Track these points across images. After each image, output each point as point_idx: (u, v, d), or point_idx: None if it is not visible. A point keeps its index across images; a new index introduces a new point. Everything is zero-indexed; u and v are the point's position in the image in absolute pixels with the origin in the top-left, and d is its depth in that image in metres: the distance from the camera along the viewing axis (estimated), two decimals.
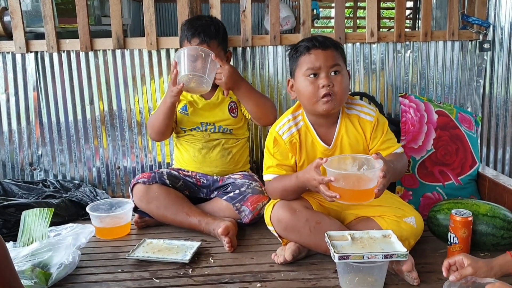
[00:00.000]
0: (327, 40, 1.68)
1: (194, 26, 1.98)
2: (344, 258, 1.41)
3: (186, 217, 1.92)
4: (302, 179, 1.61)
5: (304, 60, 1.66)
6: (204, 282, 1.56)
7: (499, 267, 1.34)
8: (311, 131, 1.76)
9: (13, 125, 2.36)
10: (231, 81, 1.92)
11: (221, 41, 2.02)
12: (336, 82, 1.63)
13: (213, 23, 2.02)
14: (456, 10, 2.34)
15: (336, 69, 1.64)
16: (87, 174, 2.41)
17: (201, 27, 1.97)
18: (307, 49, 1.66)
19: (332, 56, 1.64)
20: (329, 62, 1.63)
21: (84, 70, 2.31)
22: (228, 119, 2.10)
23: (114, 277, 1.61)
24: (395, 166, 1.58)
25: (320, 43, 1.65)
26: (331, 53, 1.65)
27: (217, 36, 1.99)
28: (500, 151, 2.45)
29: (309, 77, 1.65)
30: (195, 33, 1.96)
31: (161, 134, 2.08)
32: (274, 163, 1.76)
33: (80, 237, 1.71)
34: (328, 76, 1.63)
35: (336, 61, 1.64)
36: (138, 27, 4.65)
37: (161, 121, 2.01)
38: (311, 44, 1.66)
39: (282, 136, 1.75)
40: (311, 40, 1.68)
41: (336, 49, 1.68)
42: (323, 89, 1.62)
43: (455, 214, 1.63)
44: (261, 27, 5.16)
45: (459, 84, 2.40)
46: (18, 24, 2.25)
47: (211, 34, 1.97)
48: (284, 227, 1.67)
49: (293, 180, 1.67)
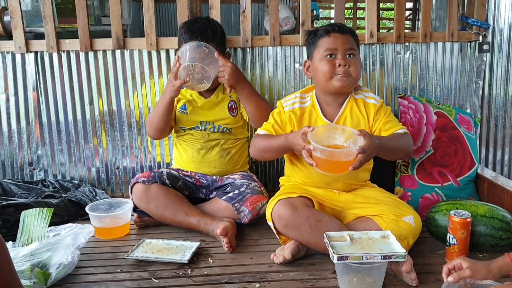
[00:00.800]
0: (344, 26, 1.85)
1: (191, 29, 1.99)
2: (343, 258, 1.41)
3: (185, 217, 1.92)
4: (290, 141, 1.69)
5: (323, 42, 1.79)
6: (203, 282, 1.56)
7: (498, 269, 1.34)
8: (317, 109, 1.86)
9: (13, 125, 2.36)
10: (234, 78, 1.93)
11: (218, 43, 2.02)
12: (352, 63, 1.76)
13: (210, 26, 2.02)
14: (455, 11, 2.34)
15: (352, 52, 1.77)
16: (86, 174, 2.41)
17: (198, 30, 1.98)
18: (327, 32, 1.79)
19: (349, 41, 1.79)
20: (347, 45, 1.77)
21: (83, 70, 2.31)
22: (227, 118, 2.10)
23: (113, 277, 1.61)
24: (386, 143, 1.68)
25: (339, 28, 1.80)
26: (348, 37, 1.79)
27: (214, 38, 2.00)
28: (499, 152, 2.45)
29: (327, 57, 1.77)
30: (192, 36, 1.97)
31: (159, 131, 2.06)
32: (271, 123, 1.88)
33: (79, 237, 1.71)
34: (345, 57, 1.76)
35: (352, 45, 1.79)
36: (138, 27, 4.65)
37: (160, 117, 2.00)
38: (330, 28, 1.80)
39: (285, 108, 1.88)
40: (330, 25, 1.83)
41: (353, 35, 1.82)
42: (339, 68, 1.75)
43: (454, 215, 1.63)
44: (261, 28, 5.16)
45: (458, 85, 2.40)
46: (18, 24, 2.25)
47: (209, 37, 1.98)
48: (284, 224, 1.69)
49: (281, 139, 1.75)
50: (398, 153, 1.83)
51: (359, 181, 1.90)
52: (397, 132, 1.80)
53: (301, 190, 1.81)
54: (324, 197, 1.82)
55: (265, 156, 1.90)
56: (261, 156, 1.89)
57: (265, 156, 1.90)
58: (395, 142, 1.76)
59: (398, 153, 1.83)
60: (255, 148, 1.87)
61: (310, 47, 1.86)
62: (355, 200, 1.81)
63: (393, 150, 1.77)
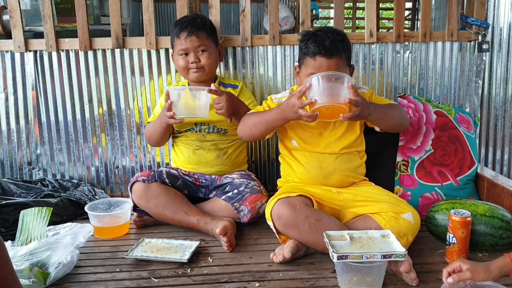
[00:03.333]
0: (334, 45, 1.74)
1: (180, 22, 2.05)
2: (343, 258, 1.41)
3: (185, 216, 1.92)
4: (283, 105, 1.72)
5: (309, 63, 1.77)
6: (202, 281, 1.56)
7: (498, 271, 1.33)
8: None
9: (12, 124, 2.36)
10: (232, 107, 1.90)
11: (209, 33, 2.05)
12: None
13: (199, 17, 2.07)
14: (455, 10, 2.34)
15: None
16: (85, 173, 2.41)
17: (188, 21, 2.03)
18: (313, 54, 1.75)
19: (336, 64, 1.74)
20: (332, 70, 1.71)
21: (83, 69, 2.31)
22: (223, 120, 2.09)
23: (112, 276, 1.60)
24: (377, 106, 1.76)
25: (327, 51, 1.73)
26: (335, 61, 1.74)
27: (204, 27, 2.03)
28: (499, 151, 2.45)
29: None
30: (182, 27, 2.01)
31: (158, 144, 2.14)
32: (262, 107, 1.93)
33: (78, 237, 1.71)
34: None
35: (338, 69, 1.73)
36: (137, 26, 4.65)
37: (159, 135, 2.05)
38: (317, 50, 1.74)
39: (274, 100, 1.94)
40: (318, 45, 1.74)
41: (341, 56, 1.76)
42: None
43: (454, 214, 1.63)
44: (260, 27, 5.16)
45: (457, 85, 2.40)
46: (17, 23, 2.25)
47: (198, 25, 2.01)
48: (284, 223, 1.68)
49: (273, 110, 1.78)
50: (393, 119, 1.86)
51: (356, 174, 1.91)
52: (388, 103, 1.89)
53: (300, 189, 1.81)
54: (323, 196, 1.82)
55: (253, 131, 1.84)
56: (249, 131, 1.85)
57: (254, 132, 1.84)
58: (387, 108, 1.84)
59: (393, 119, 1.86)
60: (243, 125, 1.86)
61: (300, 55, 1.84)
62: (354, 198, 1.81)
63: (386, 115, 1.82)
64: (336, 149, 1.87)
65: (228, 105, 1.88)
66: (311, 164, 1.87)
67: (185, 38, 2.00)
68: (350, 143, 1.89)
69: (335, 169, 1.85)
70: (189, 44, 2.00)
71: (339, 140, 1.88)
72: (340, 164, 1.86)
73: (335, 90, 1.62)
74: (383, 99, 1.95)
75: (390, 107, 1.87)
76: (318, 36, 1.77)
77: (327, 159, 1.86)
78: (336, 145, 1.87)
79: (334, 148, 1.87)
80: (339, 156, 1.87)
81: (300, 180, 1.89)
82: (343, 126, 1.88)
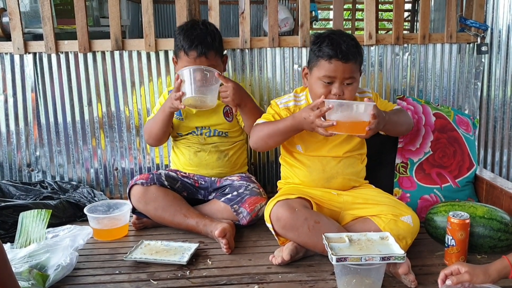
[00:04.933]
0: (350, 50, 1.71)
1: (190, 38, 1.93)
2: (342, 260, 1.41)
3: (184, 219, 1.92)
4: (298, 118, 1.70)
5: (323, 66, 1.72)
6: (201, 284, 1.56)
7: (496, 273, 1.33)
8: None
9: (11, 126, 2.36)
10: (238, 97, 1.90)
11: (218, 50, 1.98)
12: (347, 91, 1.73)
13: (209, 32, 1.96)
14: (454, 12, 2.35)
15: (350, 81, 1.72)
16: (85, 175, 2.41)
17: (198, 39, 1.92)
18: (329, 57, 1.71)
19: (350, 69, 1.71)
20: (346, 74, 1.71)
21: (82, 71, 2.31)
22: (223, 123, 2.09)
23: (111, 278, 1.60)
24: (390, 117, 1.75)
25: (343, 55, 1.69)
26: (350, 66, 1.71)
27: (213, 45, 1.95)
28: (498, 153, 2.45)
29: (324, 82, 1.72)
30: (192, 45, 1.91)
31: (158, 140, 2.08)
32: (270, 113, 1.88)
33: (77, 239, 1.71)
34: (341, 86, 1.72)
35: (352, 73, 1.72)
36: (137, 28, 4.66)
37: (160, 128, 2.01)
38: (333, 54, 1.70)
39: (279, 106, 1.90)
40: (335, 48, 1.70)
41: (356, 60, 1.73)
42: (334, 97, 1.70)
43: (453, 216, 1.63)
44: (260, 29, 5.17)
45: (457, 87, 2.41)
46: (17, 25, 2.25)
47: (208, 45, 1.93)
48: (283, 225, 1.68)
49: (288, 120, 1.75)
50: (402, 125, 1.89)
51: (358, 177, 1.91)
52: (394, 108, 1.89)
53: (299, 191, 1.81)
54: (323, 198, 1.82)
55: (269, 143, 1.82)
56: (264, 143, 1.83)
57: (269, 143, 1.82)
58: (397, 116, 1.85)
59: (402, 125, 1.89)
60: (257, 136, 1.83)
61: (312, 57, 1.79)
62: (354, 201, 1.81)
63: (397, 123, 1.84)
64: (340, 153, 1.86)
65: (234, 93, 1.88)
66: (314, 167, 1.86)
67: (195, 59, 1.91)
68: (353, 146, 1.88)
69: (337, 172, 1.85)
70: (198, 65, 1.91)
71: (342, 143, 1.87)
72: (343, 168, 1.86)
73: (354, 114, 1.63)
74: (388, 103, 1.95)
75: (399, 114, 1.87)
76: (334, 39, 1.72)
77: (330, 162, 1.86)
78: (340, 149, 1.87)
79: (337, 152, 1.86)
80: (343, 159, 1.86)
81: (301, 182, 1.89)
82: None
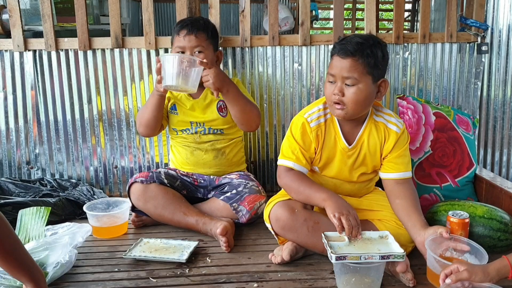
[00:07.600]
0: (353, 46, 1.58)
1: (183, 21, 2.03)
2: (341, 258, 1.41)
3: (183, 217, 1.92)
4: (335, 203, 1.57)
5: (331, 62, 1.66)
6: (201, 282, 1.56)
7: (496, 272, 1.33)
8: (336, 127, 1.73)
9: (11, 123, 2.35)
10: (218, 81, 1.88)
11: (210, 36, 2.00)
12: (348, 93, 1.59)
13: (203, 19, 2.05)
14: (454, 12, 2.35)
15: (350, 82, 1.59)
16: (84, 173, 2.41)
17: (190, 20, 2.01)
18: (332, 54, 1.65)
19: (348, 67, 1.57)
20: (344, 72, 1.58)
21: (82, 69, 2.31)
22: (217, 119, 2.08)
23: (110, 276, 1.60)
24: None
25: (341, 48, 1.59)
26: (349, 63, 1.57)
27: (205, 29, 1.99)
28: (497, 153, 2.45)
29: (329, 80, 1.65)
30: (183, 25, 1.98)
31: (148, 128, 2.03)
32: (296, 149, 1.71)
33: (76, 236, 1.71)
34: (342, 85, 1.60)
35: (351, 73, 1.57)
36: (137, 26, 4.66)
37: (150, 112, 1.98)
38: (338, 49, 1.61)
39: (310, 124, 1.71)
40: (343, 43, 1.61)
41: (358, 59, 1.57)
42: (334, 96, 1.62)
43: (452, 216, 1.63)
44: (260, 28, 5.17)
45: (457, 86, 2.41)
46: (17, 22, 2.25)
47: (199, 26, 1.98)
48: (282, 226, 1.68)
49: (317, 196, 1.62)
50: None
51: (368, 191, 1.89)
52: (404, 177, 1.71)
53: None
54: None
55: (299, 200, 1.70)
56: (295, 199, 1.70)
57: (299, 200, 1.70)
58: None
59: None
60: (286, 186, 1.73)
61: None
62: (358, 206, 1.74)
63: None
64: (355, 178, 1.79)
65: (215, 77, 1.86)
66: (326, 185, 1.78)
67: (184, 36, 1.96)
68: (370, 173, 1.80)
69: (349, 194, 1.81)
70: (187, 43, 1.95)
71: (359, 168, 1.77)
72: (357, 191, 1.82)
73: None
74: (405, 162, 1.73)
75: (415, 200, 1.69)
76: (349, 37, 1.65)
77: (344, 185, 1.81)
78: (355, 174, 1.78)
79: (353, 177, 1.79)
80: (357, 184, 1.81)
81: None
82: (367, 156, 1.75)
